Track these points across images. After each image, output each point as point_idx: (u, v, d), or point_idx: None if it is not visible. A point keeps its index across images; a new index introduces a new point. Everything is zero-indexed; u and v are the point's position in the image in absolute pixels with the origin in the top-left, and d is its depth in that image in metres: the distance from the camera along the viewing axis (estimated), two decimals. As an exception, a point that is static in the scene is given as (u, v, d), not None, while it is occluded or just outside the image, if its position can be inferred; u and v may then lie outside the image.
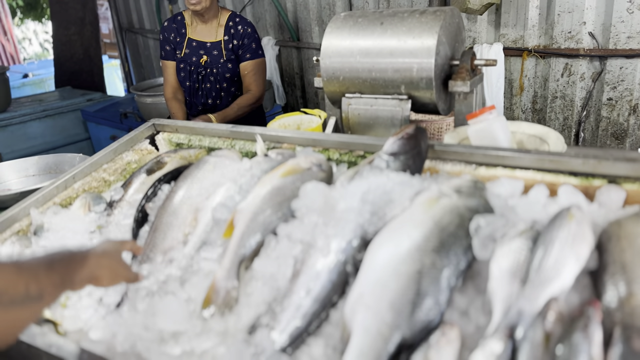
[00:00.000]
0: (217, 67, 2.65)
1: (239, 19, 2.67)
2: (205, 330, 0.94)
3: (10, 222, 1.40)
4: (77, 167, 1.57)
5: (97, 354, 0.88)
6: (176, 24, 2.73)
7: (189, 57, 2.68)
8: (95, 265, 0.87)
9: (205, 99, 2.74)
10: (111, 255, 0.92)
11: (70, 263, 0.83)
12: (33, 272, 0.74)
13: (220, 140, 1.66)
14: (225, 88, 2.71)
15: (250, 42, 2.63)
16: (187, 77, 2.71)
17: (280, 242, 1.06)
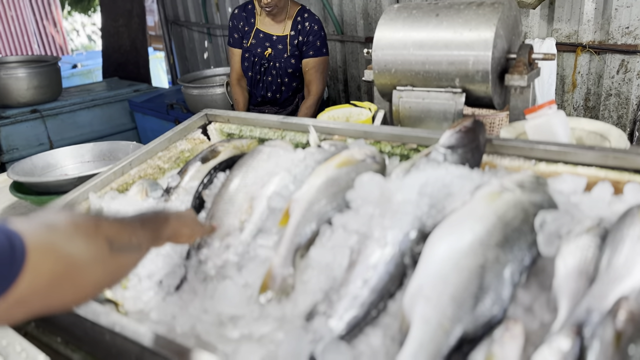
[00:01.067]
0: (280, 61, 2.67)
1: (307, 15, 2.67)
2: (263, 316, 0.96)
3: (70, 206, 1.45)
4: (133, 154, 1.62)
5: (159, 334, 0.90)
6: (246, 12, 2.76)
7: (254, 48, 2.71)
8: (176, 224, 0.97)
9: (265, 91, 2.77)
10: (188, 216, 1.04)
11: (156, 222, 0.93)
12: (132, 226, 0.83)
13: (270, 131, 1.68)
14: (287, 83, 2.72)
15: (315, 39, 2.64)
16: (250, 67, 2.74)
17: (335, 232, 1.06)
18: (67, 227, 0.71)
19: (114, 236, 0.76)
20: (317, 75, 2.66)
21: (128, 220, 0.86)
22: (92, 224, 0.75)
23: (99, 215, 0.81)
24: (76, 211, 0.84)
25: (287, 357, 0.84)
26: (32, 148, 4.24)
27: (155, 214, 0.95)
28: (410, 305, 0.85)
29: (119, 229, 0.79)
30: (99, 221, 0.77)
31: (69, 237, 0.69)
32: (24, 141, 4.21)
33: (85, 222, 0.74)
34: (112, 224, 0.79)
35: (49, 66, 4.38)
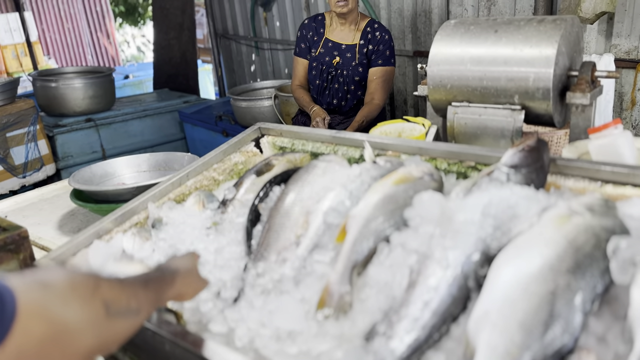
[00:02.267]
0: (347, 69, 2.71)
1: (377, 25, 2.73)
2: (321, 333, 0.95)
3: (129, 215, 1.49)
4: (190, 165, 1.65)
5: (220, 347, 0.91)
6: (316, 23, 2.83)
7: (322, 57, 2.77)
8: (181, 283, 0.93)
9: (331, 98, 2.81)
10: (193, 272, 0.98)
11: (162, 282, 0.89)
12: (133, 288, 0.79)
13: (323, 145, 1.68)
14: (352, 90, 2.76)
15: (385, 49, 2.67)
16: (318, 75, 2.79)
17: (393, 250, 1.05)
18: (63, 287, 0.67)
19: (112, 299, 0.72)
20: (383, 85, 2.68)
21: (130, 281, 0.82)
22: (90, 285, 0.71)
23: (98, 275, 0.76)
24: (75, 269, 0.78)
25: (347, 376, 0.84)
26: (85, 155, 4.41)
27: (161, 273, 0.91)
28: (476, 331, 0.82)
29: (119, 291, 0.75)
30: (98, 282, 0.73)
31: (63, 299, 0.66)
32: (78, 149, 4.38)
33: (83, 283, 0.70)
34: (111, 285, 0.75)
35: (103, 77, 4.56)
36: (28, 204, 2.16)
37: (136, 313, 0.77)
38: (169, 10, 5.91)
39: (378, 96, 2.69)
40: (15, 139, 3.81)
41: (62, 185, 2.28)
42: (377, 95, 2.69)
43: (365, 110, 2.68)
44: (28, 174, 3.89)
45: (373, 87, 2.71)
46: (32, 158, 3.92)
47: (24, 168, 3.86)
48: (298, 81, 2.92)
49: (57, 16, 10.43)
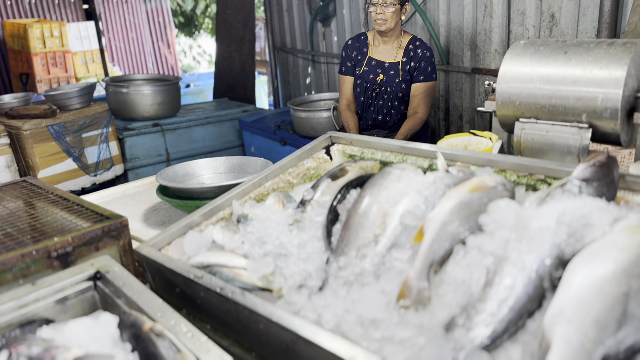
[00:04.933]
0: (391, 86, 2.83)
1: (419, 43, 2.85)
2: (403, 322, 1.05)
3: (216, 210, 1.64)
4: (269, 169, 1.79)
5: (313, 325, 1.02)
6: (359, 43, 2.98)
7: (366, 75, 2.90)
8: None
9: (376, 114, 2.94)
10: None
11: None
12: None
13: (392, 155, 1.78)
14: (397, 106, 2.87)
15: (427, 65, 2.79)
16: (363, 93, 2.92)
17: (470, 252, 1.13)
18: None
19: None
20: (426, 100, 2.79)
21: None
22: None
23: None
24: None
25: None
26: (151, 158, 4.68)
27: None
28: (551, 325, 0.90)
29: None
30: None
31: None
32: (145, 152, 4.65)
33: None
34: None
35: (171, 85, 4.84)
36: (113, 199, 2.35)
37: None
38: (231, 24, 6.18)
39: (421, 110, 2.81)
40: (89, 140, 4.09)
41: (142, 182, 2.47)
42: (420, 110, 2.81)
43: (409, 124, 2.79)
44: (99, 173, 4.17)
45: (416, 102, 2.83)
46: (104, 158, 4.20)
47: (96, 167, 4.15)
48: (346, 100, 3.04)
49: (123, 26, 11.02)
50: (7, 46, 8.47)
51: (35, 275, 1.36)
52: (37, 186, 1.90)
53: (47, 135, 3.79)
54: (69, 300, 1.28)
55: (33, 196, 1.81)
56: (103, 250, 1.48)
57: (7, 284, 1.31)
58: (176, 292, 1.37)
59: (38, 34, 7.90)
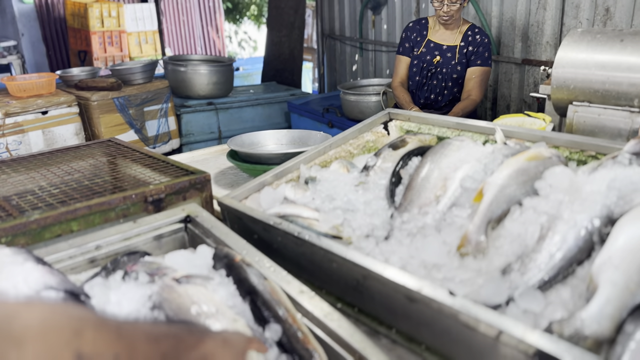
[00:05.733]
0: (447, 67, 2.96)
1: (477, 30, 2.98)
2: (462, 266, 1.19)
3: (285, 172, 1.81)
4: (332, 138, 1.95)
5: (381, 263, 1.17)
6: (419, 26, 3.13)
7: (423, 56, 3.05)
8: (210, 352, 0.76)
9: (428, 93, 3.07)
10: (233, 349, 0.81)
11: (181, 340, 0.73)
12: (132, 344, 0.65)
13: (448, 130, 1.91)
14: (449, 87, 3.00)
15: (484, 51, 2.90)
16: (418, 72, 3.06)
17: (525, 211, 1.26)
18: (26, 328, 0.56)
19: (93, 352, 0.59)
20: (480, 84, 2.91)
21: (133, 331, 0.68)
22: (71, 328, 0.59)
23: (90, 319, 0.63)
24: (67, 304, 0.67)
25: (488, 295, 1.07)
26: (204, 135, 4.91)
27: (185, 330, 0.77)
28: (599, 271, 1.03)
29: (107, 344, 0.61)
30: (82, 329, 0.60)
31: (17, 343, 0.54)
32: (199, 128, 4.89)
33: (58, 328, 0.58)
34: (100, 333, 0.62)
35: (225, 66, 5.05)
36: (183, 163, 2.56)
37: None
38: (283, 10, 6.36)
39: (475, 93, 2.94)
40: (150, 114, 4.35)
41: (208, 150, 2.68)
42: (474, 92, 2.94)
43: (462, 104, 2.91)
44: (157, 145, 4.43)
45: (471, 85, 2.95)
46: (162, 132, 4.45)
47: (154, 139, 4.40)
48: (399, 78, 3.21)
49: (175, 9, 11.36)
50: (67, 24, 8.89)
51: (133, 216, 1.56)
52: (122, 145, 2.11)
53: (112, 107, 4.06)
54: (163, 238, 1.48)
55: (121, 153, 2.02)
56: (189, 199, 1.67)
57: (111, 221, 1.51)
58: (253, 238, 1.54)
59: (97, 13, 8.28)
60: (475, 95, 2.92)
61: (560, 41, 3.67)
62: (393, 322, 1.19)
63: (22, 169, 1.82)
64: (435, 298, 1.03)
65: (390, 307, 1.18)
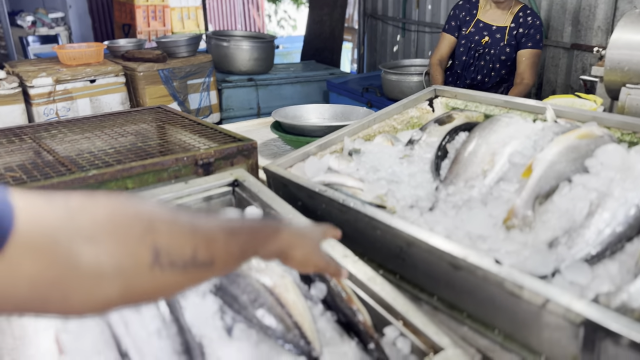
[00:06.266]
0: (495, 48, 2.91)
1: (529, 11, 2.92)
2: (508, 238, 1.20)
3: (329, 144, 1.83)
4: (376, 113, 1.96)
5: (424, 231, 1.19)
6: (469, 4, 3.09)
7: (472, 36, 3.01)
8: (287, 241, 0.77)
9: (475, 74, 3.04)
10: (309, 239, 0.82)
11: (258, 233, 0.73)
12: (209, 236, 0.63)
13: (496, 108, 1.89)
14: (497, 69, 2.96)
15: (535, 33, 2.85)
16: (465, 52, 3.03)
17: (575, 188, 1.25)
18: (97, 221, 0.53)
19: (169, 247, 0.57)
20: (532, 66, 2.86)
21: (209, 227, 0.64)
22: (140, 226, 0.56)
23: (162, 214, 0.60)
24: (139, 203, 0.60)
25: (534, 266, 1.07)
26: (244, 110, 4.97)
27: (261, 224, 0.78)
28: (649, 248, 1.02)
29: (183, 238, 0.59)
30: (154, 223, 0.57)
31: (90, 236, 0.52)
32: (239, 104, 4.95)
33: (130, 222, 0.56)
34: (175, 229, 0.59)
35: (266, 43, 5.08)
36: (225, 134, 2.62)
37: (205, 266, 0.61)
38: (326, -13, 6.32)
39: (527, 76, 2.88)
40: (193, 87, 4.43)
41: (251, 122, 2.74)
42: (526, 75, 2.88)
43: (517, 89, 2.85)
44: (199, 118, 4.51)
45: (522, 68, 2.89)
46: (204, 105, 4.53)
47: (196, 112, 4.49)
48: (439, 56, 3.17)
49: (217, -15, 11.44)
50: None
51: (183, 178, 1.61)
52: (171, 112, 2.18)
53: (157, 79, 4.15)
54: (212, 200, 1.53)
55: (170, 119, 2.08)
56: (236, 165, 1.72)
57: (163, 181, 1.57)
58: (297, 205, 1.58)
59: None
60: (528, 78, 2.86)
61: (612, 26, 3.54)
62: (435, 289, 1.22)
63: (77, 130, 1.90)
64: (481, 266, 1.04)
65: (433, 275, 1.20)
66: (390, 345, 1.03)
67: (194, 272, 0.61)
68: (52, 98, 3.61)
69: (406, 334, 1.04)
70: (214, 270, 0.64)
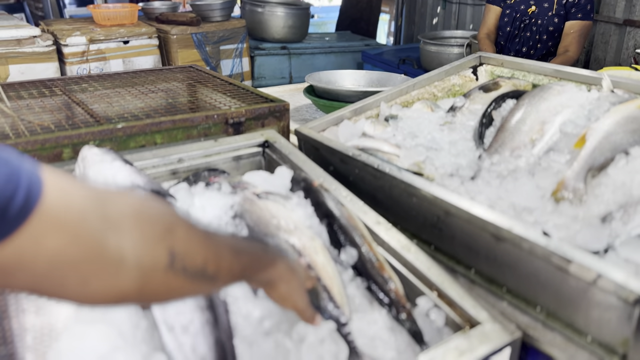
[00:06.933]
0: (542, 19, 2.75)
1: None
2: (557, 211, 1.11)
3: (364, 109, 1.75)
4: (416, 78, 1.87)
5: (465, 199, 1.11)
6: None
7: (517, 5, 2.84)
8: (279, 274, 0.76)
9: (520, 46, 2.88)
10: (298, 277, 0.81)
11: (257, 259, 0.72)
12: (219, 251, 0.63)
13: (545, 78, 1.78)
14: (544, 40, 2.80)
15: (586, 3, 2.67)
16: (510, 23, 2.87)
17: (632, 160, 1.15)
18: (124, 213, 0.53)
19: (185, 253, 0.57)
20: (579, 39, 2.68)
21: (219, 241, 0.64)
22: (162, 225, 0.56)
23: (183, 218, 0.60)
24: (157, 200, 0.60)
25: (586, 241, 0.99)
26: (275, 79, 4.89)
27: (261, 250, 0.75)
28: None
29: (198, 248, 0.59)
30: (175, 226, 0.58)
31: (116, 226, 0.51)
32: (271, 72, 4.87)
33: (153, 220, 0.56)
34: (192, 237, 0.59)
35: (301, 10, 4.96)
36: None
37: (209, 280, 0.61)
38: (364, -44, 6.12)
39: (573, 49, 2.70)
40: (225, 52, 4.37)
41: (282, 88, 2.67)
42: (572, 48, 2.70)
43: (559, 59, 2.69)
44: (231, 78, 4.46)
45: (569, 40, 2.71)
46: (236, 72, 4.47)
47: (228, 79, 4.43)
48: (487, 29, 3.00)
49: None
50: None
51: (214, 136, 1.57)
52: (204, 71, 2.12)
53: (190, 42, 4.10)
54: (241, 160, 1.48)
55: (202, 79, 2.03)
56: (267, 127, 1.66)
57: (192, 138, 1.53)
58: (329, 169, 1.52)
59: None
60: (573, 51, 2.68)
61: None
62: (473, 262, 1.14)
63: (108, 85, 1.87)
64: (528, 237, 0.96)
65: (472, 246, 1.12)
66: (423, 317, 0.97)
67: (199, 283, 0.60)
68: (85, 58, 3.60)
69: (440, 306, 0.98)
70: (215, 285, 0.65)
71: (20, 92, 1.71)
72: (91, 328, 0.81)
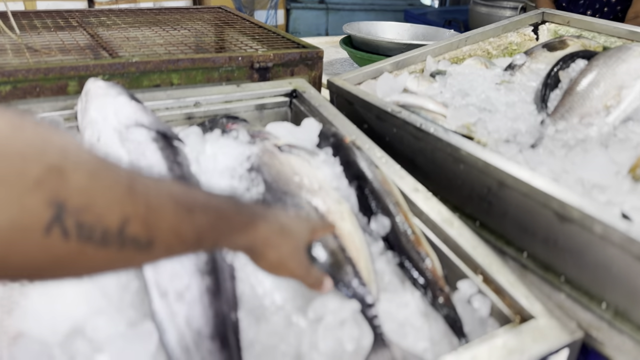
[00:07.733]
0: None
1: None
2: (634, 191, 0.92)
3: (407, 63, 1.56)
4: (469, 32, 1.66)
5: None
6: None
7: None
8: (263, 238, 0.60)
9: (584, 9, 2.60)
10: (292, 239, 0.64)
11: (226, 217, 0.55)
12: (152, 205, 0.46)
13: (618, 40, 1.54)
14: (612, 4, 2.51)
15: None
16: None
17: None
18: None
19: (81, 204, 0.40)
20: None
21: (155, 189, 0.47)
22: (45, 163, 0.39)
23: (89, 151, 0.43)
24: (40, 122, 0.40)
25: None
26: (311, 35, 4.65)
27: (236, 204, 0.57)
28: None
29: (109, 198, 0.42)
30: (68, 165, 0.40)
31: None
32: (306, 27, 4.65)
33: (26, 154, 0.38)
34: (99, 181, 0.42)
35: (344, -37, 4.69)
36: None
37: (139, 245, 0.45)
38: None
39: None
40: (260, 2, 4.16)
41: (317, 40, 2.47)
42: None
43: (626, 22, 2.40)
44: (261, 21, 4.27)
45: (638, 6, 2.40)
46: (270, 24, 4.27)
47: (262, 32, 4.24)
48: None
49: None
50: None
51: (237, 81, 1.40)
52: (233, 13, 1.95)
53: (224, -10, 3.90)
54: (265, 109, 1.32)
55: (231, 21, 1.86)
56: (297, 75, 1.49)
57: (213, 81, 1.37)
58: (363, 127, 1.34)
59: None
60: None
61: None
62: (526, 244, 0.97)
63: (129, 20, 1.71)
64: (602, 219, 0.79)
65: (528, 225, 0.94)
66: (464, 304, 0.81)
67: (117, 250, 0.43)
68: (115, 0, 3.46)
69: (486, 292, 0.82)
70: (151, 254, 0.47)
71: (34, 22, 1.57)
72: (69, 285, 0.68)
